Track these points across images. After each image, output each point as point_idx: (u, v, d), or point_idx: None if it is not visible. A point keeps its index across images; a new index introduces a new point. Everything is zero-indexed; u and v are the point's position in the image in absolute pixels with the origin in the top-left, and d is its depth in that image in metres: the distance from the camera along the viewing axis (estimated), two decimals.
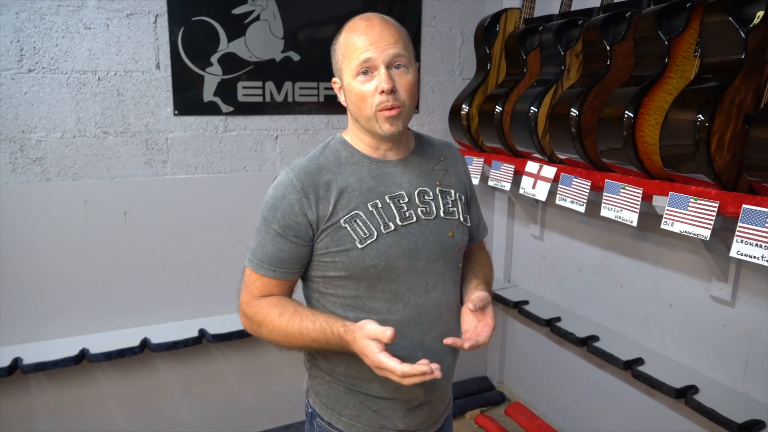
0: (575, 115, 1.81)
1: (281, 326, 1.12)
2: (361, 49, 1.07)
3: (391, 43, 1.08)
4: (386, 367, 0.99)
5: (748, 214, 1.39)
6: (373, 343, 1.01)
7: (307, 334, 1.09)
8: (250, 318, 1.18)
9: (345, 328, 1.06)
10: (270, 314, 1.14)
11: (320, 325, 1.09)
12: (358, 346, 1.03)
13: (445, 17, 2.59)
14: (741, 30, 1.41)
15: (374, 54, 1.07)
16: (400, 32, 1.11)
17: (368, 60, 1.07)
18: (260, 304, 1.16)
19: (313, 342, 1.10)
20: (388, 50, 1.07)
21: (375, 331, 1.01)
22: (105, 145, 2.11)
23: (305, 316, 1.11)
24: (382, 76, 1.07)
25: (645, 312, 2.12)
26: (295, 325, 1.11)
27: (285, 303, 1.16)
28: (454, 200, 1.22)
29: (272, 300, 1.16)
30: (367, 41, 1.07)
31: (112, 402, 2.24)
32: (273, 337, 1.15)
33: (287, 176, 1.13)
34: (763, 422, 1.64)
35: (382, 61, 1.07)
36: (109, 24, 2.05)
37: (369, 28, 1.08)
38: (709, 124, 1.41)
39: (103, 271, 2.15)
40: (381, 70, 1.07)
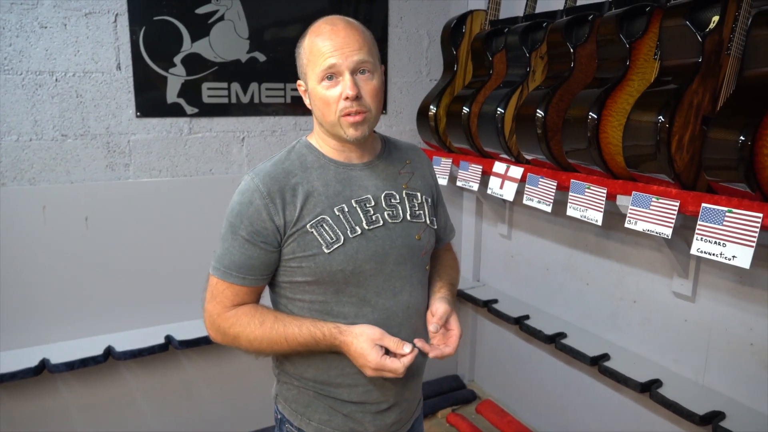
0: (541, 116, 1.84)
1: (264, 335, 1.11)
2: (325, 55, 1.06)
3: (356, 49, 1.07)
4: (391, 368, 1.06)
5: (707, 212, 1.43)
6: (375, 351, 1.06)
7: (294, 339, 1.10)
8: (224, 331, 1.15)
9: (339, 329, 1.10)
10: (250, 324, 1.12)
11: (308, 329, 1.10)
12: (358, 348, 1.07)
13: (412, 18, 2.60)
14: (698, 34, 1.45)
15: (339, 60, 1.06)
16: (365, 37, 1.10)
17: (333, 66, 1.06)
18: (236, 315, 1.14)
19: (300, 346, 1.11)
20: (353, 56, 1.06)
21: (387, 341, 1.08)
22: (64, 149, 2.04)
23: (288, 321, 1.12)
24: (347, 83, 1.06)
25: (610, 308, 2.17)
26: (279, 332, 1.11)
27: (263, 312, 1.15)
28: (421, 203, 1.22)
29: (248, 310, 1.14)
30: (332, 47, 1.06)
31: (75, 413, 2.17)
32: (253, 346, 1.14)
33: (252, 181, 1.11)
34: (723, 413, 1.69)
35: (347, 68, 1.06)
36: (67, 23, 1.98)
37: (334, 33, 1.07)
38: (669, 125, 1.45)
39: (64, 278, 2.09)
40: (346, 76, 1.07)
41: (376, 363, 1.06)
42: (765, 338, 1.68)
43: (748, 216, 1.34)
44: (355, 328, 1.10)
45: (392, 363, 1.06)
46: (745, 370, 1.74)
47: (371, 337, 1.07)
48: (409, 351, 1.07)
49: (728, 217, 1.38)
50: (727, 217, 1.38)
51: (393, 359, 1.06)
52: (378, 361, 1.06)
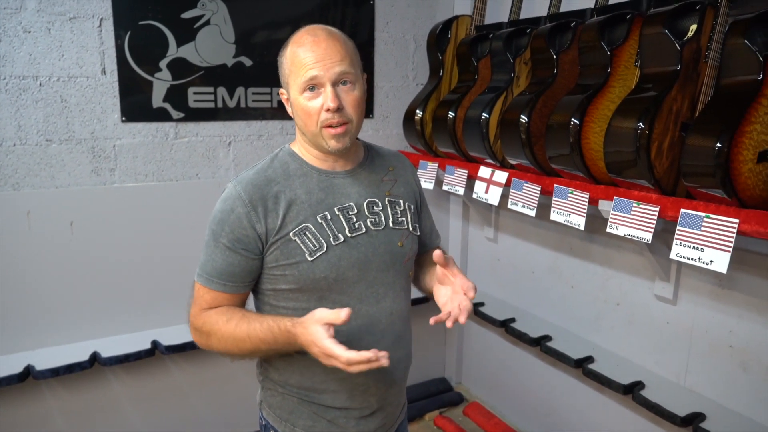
0: (525, 121, 1.86)
1: (230, 332, 1.10)
2: (307, 66, 1.07)
3: (338, 61, 1.08)
4: (332, 353, 0.97)
5: (686, 217, 1.45)
6: (321, 329, 0.99)
7: (255, 335, 1.08)
8: (199, 329, 1.16)
9: (292, 322, 1.05)
10: (218, 322, 1.12)
11: (267, 324, 1.08)
12: (307, 334, 1.01)
13: (398, 23, 2.61)
14: (676, 42, 1.48)
15: (320, 72, 1.07)
16: (346, 48, 1.11)
17: (314, 78, 1.07)
18: (207, 314, 1.14)
19: (261, 343, 1.08)
20: (334, 68, 1.07)
21: (327, 314, 1.00)
22: (48, 153, 2.03)
23: (253, 318, 1.11)
24: (329, 95, 1.07)
25: (594, 311, 2.19)
26: (243, 329, 1.09)
27: (233, 310, 1.15)
28: (403, 210, 1.23)
29: (220, 309, 1.15)
30: (314, 58, 1.07)
31: (61, 420, 2.15)
32: (223, 345, 1.13)
33: (235, 189, 1.12)
34: (704, 414, 1.72)
35: (329, 79, 1.07)
36: (51, 28, 1.98)
37: (315, 44, 1.08)
38: (648, 132, 1.47)
39: (48, 283, 2.07)
40: (327, 87, 1.07)
41: (319, 348, 0.99)
42: (744, 340, 1.71)
43: (725, 221, 1.36)
44: (305, 316, 1.04)
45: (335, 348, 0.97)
46: (725, 371, 1.77)
47: (316, 319, 1.01)
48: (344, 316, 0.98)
49: (706, 222, 1.40)
50: (705, 223, 1.41)
51: (338, 345, 0.97)
52: (321, 346, 0.98)
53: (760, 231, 1.30)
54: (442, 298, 1.16)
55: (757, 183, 1.34)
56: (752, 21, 1.34)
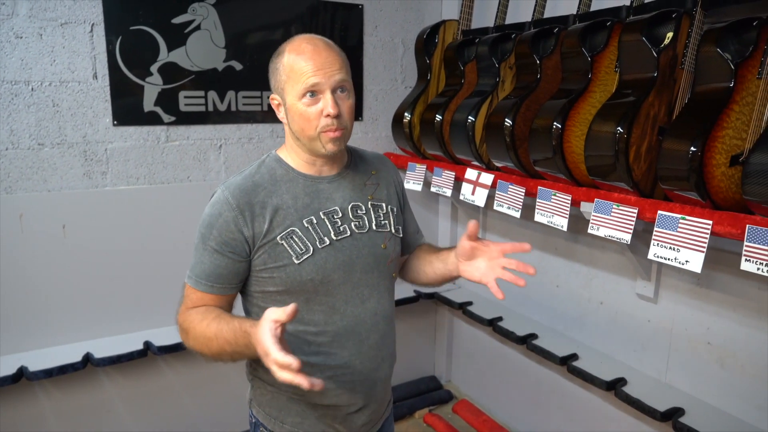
0: (509, 125, 1.90)
1: (202, 331, 1.12)
2: (308, 74, 1.11)
3: (337, 69, 1.12)
4: (266, 348, 0.93)
5: (663, 219, 1.50)
6: (267, 325, 0.95)
7: (222, 335, 1.08)
8: (180, 326, 1.19)
9: (251, 323, 1.03)
10: (194, 320, 1.14)
11: (234, 325, 1.07)
12: (257, 334, 0.97)
13: (387, 27, 2.65)
14: (653, 49, 1.53)
15: (322, 80, 1.11)
16: (342, 57, 1.16)
17: (316, 85, 1.11)
18: (190, 313, 1.17)
19: (226, 344, 1.08)
20: (335, 76, 1.12)
21: (274, 311, 0.96)
22: (40, 157, 2.06)
23: (224, 319, 1.11)
24: (329, 101, 1.11)
25: (578, 310, 2.24)
26: (212, 329, 1.10)
27: (210, 310, 1.16)
28: (386, 213, 1.28)
29: (200, 309, 1.17)
30: (314, 66, 1.11)
31: (54, 421, 2.18)
32: (197, 343, 1.14)
33: (223, 194, 1.16)
34: (683, 409, 1.77)
35: (329, 86, 1.12)
36: (43, 33, 2.00)
37: (315, 53, 1.12)
38: (627, 136, 1.52)
39: (41, 285, 2.10)
40: (327, 94, 1.12)
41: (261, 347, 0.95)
42: (721, 337, 1.77)
43: (699, 223, 1.41)
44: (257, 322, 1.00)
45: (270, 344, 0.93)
46: (704, 368, 1.82)
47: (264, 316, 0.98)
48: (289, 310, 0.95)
49: (681, 223, 1.45)
50: (681, 224, 1.46)
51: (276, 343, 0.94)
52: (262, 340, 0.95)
53: (732, 232, 1.35)
54: (476, 273, 1.24)
55: (729, 186, 1.39)
56: (724, 30, 1.39)
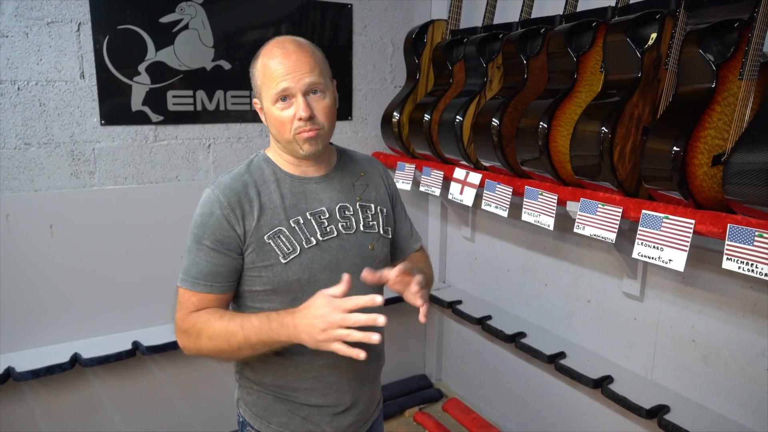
0: (496, 124, 1.91)
1: (222, 327, 1.11)
2: (278, 79, 1.11)
3: (307, 72, 1.12)
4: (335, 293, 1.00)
5: (647, 218, 1.52)
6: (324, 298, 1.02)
7: (249, 324, 1.09)
8: (188, 331, 1.16)
9: (285, 312, 1.07)
10: (209, 320, 1.14)
11: (263, 314, 1.10)
12: (309, 308, 1.03)
13: (376, 26, 2.65)
14: (637, 50, 1.54)
15: (291, 84, 1.11)
16: (315, 58, 1.15)
17: (286, 89, 1.11)
18: (198, 314, 1.16)
19: (254, 331, 1.09)
20: (304, 79, 1.11)
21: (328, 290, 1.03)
22: (27, 157, 2.05)
23: (243, 315, 1.13)
24: (300, 104, 1.11)
25: (566, 308, 2.26)
26: (236, 322, 1.11)
27: (222, 310, 1.17)
28: (375, 214, 1.28)
29: (209, 309, 1.17)
30: (284, 70, 1.11)
31: (42, 421, 2.17)
32: (213, 342, 1.13)
33: (213, 193, 1.16)
34: (668, 407, 1.79)
35: (299, 90, 1.12)
36: (29, 32, 1.99)
37: (285, 56, 1.12)
38: (611, 136, 1.53)
39: (28, 285, 2.09)
40: (299, 98, 1.12)
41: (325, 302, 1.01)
42: (705, 335, 1.79)
43: (682, 222, 1.43)
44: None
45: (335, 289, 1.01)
46: (688, 365, 1.84)
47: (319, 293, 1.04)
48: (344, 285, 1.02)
49: (665, 222, 1.47)
50: (664, 223, 1.47)
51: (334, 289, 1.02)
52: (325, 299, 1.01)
53: (714, 231, 1.37)
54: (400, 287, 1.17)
55: (711, 185, 1.41)
56: (706, 31, 1.40)
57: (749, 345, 1.68)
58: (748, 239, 1.29)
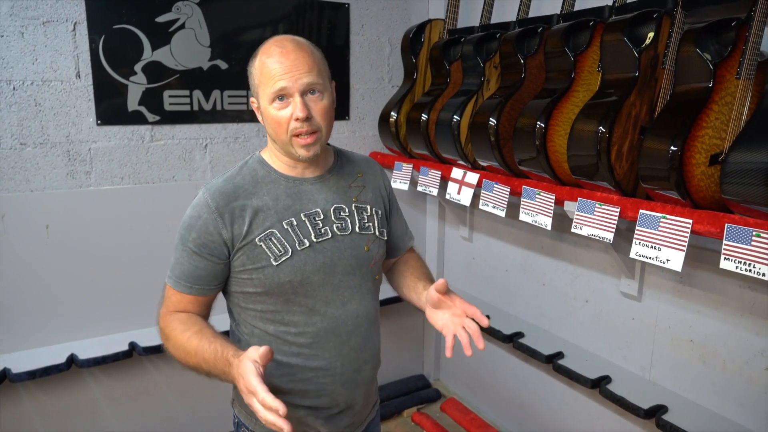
0: (494, 124, 1.90)
1: (182, 342, 1.12)
2: (275, 78, 1.10)
3: (305, 72, 1.10)
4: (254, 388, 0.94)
5: (644, 218, 1.51)
6: (252, 365, 0.97)
7: (201, 354, 1.09)
8: (162, 330, 1.19)
9: (235, 353, 1.04)
10: (176, 329, 1.15)
11: (215, 347, 1.08)
12: (239, 368, 0.99)
13: (373, 26, 2.65)
14: (634, 49, 1.53)
15: (288, 83, 1.10)
16: (314, 58, 1.13)
17: (283, 89, 1.10)
18: (171, 318, 1.18)
19: (204, 363, 1.09)
20: (302, 79, 1.10)
21: (254, 350, 0.99)
22: (23, 157, 2.04)
23: (206, 336, 1.11)
24: (297, 105, 1.10)
25: (564, 308, 2.25)
26: (193, 344, 1.11)
27: (193, 321, 1.16)
28: (370, 215, 1.27)
29: (183, 317, 1.18)
30: (282, 69, 1.10)
31: (38, 422, 2.16)
32: (176, 352, 1.15)
33: (203, 196, 1.16)
34: (666, 407, 1.78)
35: (297, 90, 1.10)
36: (24, 32, 1.98)
37: (283, 55, 1.10)
38: (608, 135, 1.53)
39: (24, 286, 2.08)
40: (296, 97, 1.10)
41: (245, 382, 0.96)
42: (702, 335, 1.78)
43: (680, 222, 1.42)
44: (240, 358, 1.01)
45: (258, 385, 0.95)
46: (686, 365, 1.84)
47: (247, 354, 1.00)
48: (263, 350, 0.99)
49: (663, 222, 1.47)
50: (662, 223, 1.47)
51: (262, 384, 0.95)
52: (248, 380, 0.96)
53: (712, 231, 1.37)
54: (439, 321, 1.20)
55: (709, 185, 1.40)
56: (704, 30, 1.40)
57: (747, 345, 1.67)
58: (745, 239, 1.28)
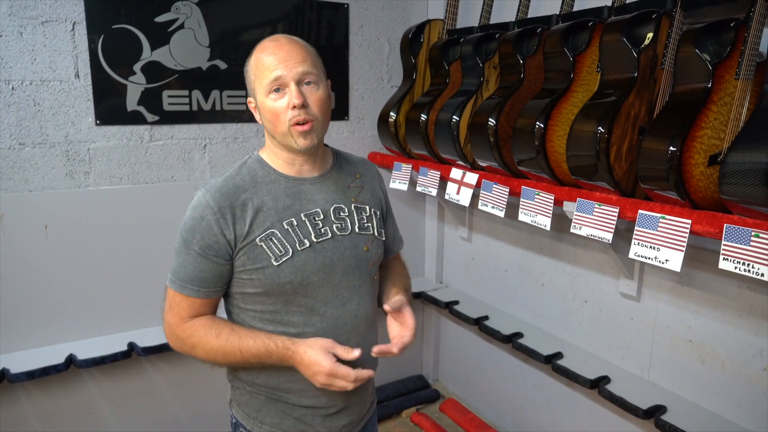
0: (493, 124, 1.90)
1: (219, 346, 1.15)
2: (271, 68, 1.12)
3: (299, 61, 1.13)
4: (341, 373, 1.09)
5: (643, 218, 1.51)
6: (330, 356, 1.10)
7: (248, 350, 1.14)
8: (183, 340, 1.19)
9: (292, 341, 1.13)
10: (206, 336, 1.16)
11: (262, 340, 1.14)
12: (311, 357, 1.10)
13: (372, 26, 2.65)
14: (633, 50, 1.53)
15: (284, 72, 1.12)
16: (307, 51, 1.16)
17: (279, 78, 1.12)
18: (194, 326, 1.18)
19: (253, 357, 1.14)
20: (297, 68, 1.12)
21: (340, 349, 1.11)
22: (22, 157, 2.04)
23: (243, 334, 1.16)
24: (293, 92, 1.12)
25: (563, 308, 2.25)
26: (234, 344, 1.15)
27: (220, 324, 1.19)
28: (369, 216, 1.27)
29: (205, 321, 1.18)
30: (276, 60, 1.12)
31: (37, 423, 2.16)
32: (209, 356, 1.17)
33: (204, 197, 1.15)
34: (665, 407, 1.78)
35: (292, 78, 1.12)
36: (23, 31, 1.98)
37: (277, 48, 1.13)
38: (607, 135, 1.53)
39: (23, 286, 2.08)
40: (291, 86, 1.12)
41: (330, 368, 1.08)
42: (702, 335, 1.78)
43: (679, 222, 1.42)
44: (308, 339, 1.14)
45: (344, 369, 1.09)
46: (685, 365, 1.84)
47: (324, 345, 1.12)
48: (358, 354, 1.11)
49: (662, 222, 1.47)
50: (661, 223, 1.47)
51: (345, 366, 1.10)
52: (331, 366, 1.09)
53: (711, 231, 1.37)
54: (393, 331, 1.24)
55: (708, 185, 1.40)
56: (702, 31, 1.40)
57: (746, 345, 1.67)
58: (744, 239, 1.28)
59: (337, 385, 1.10)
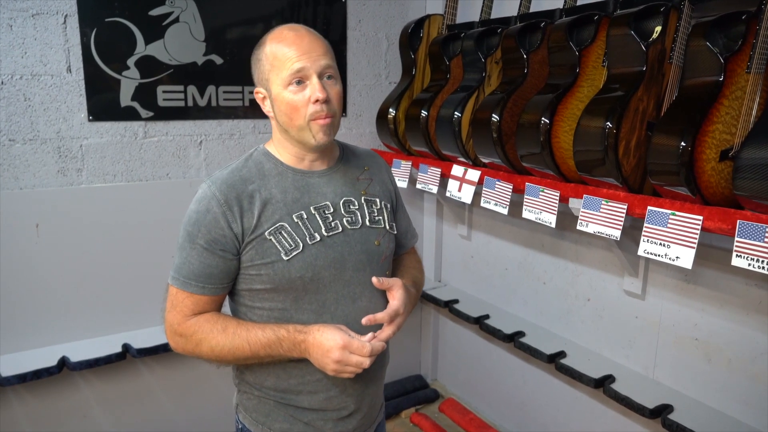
0: (496, 120, 1.87)
1: (226, 340, 1.10)
2: (292, 59, 1.07)
3: (321, 54, 1.09)
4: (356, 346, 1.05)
5: (653, 215, 1.49)
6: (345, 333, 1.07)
7: (257, 341, 1.09)
8: (187, 338, 1.13)
9: (303, 325, 1.09)
10: (212, 331, 1.11)
11: (271, 328, 1.09)
12: (324, 333, 1.06)
13: (370, 21, 2.61)
14: (641, 43, 1.51)
15: (307, 64, 1.07)
16: (326, 44, 1.12)
17: (301, 70, 1.07)
18: (198, 323, 1.13)
19: (262, 348, 1.09)
20: (320, 61, 1.08)
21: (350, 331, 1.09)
22: (11, 154, 1.98)
23: (251, 326, 1.11)
24: (316, 86, 1.08)
25: (566, 307, 2.23)
26: (242, 336, 1.10)
27: (225, 318, 1.14)
28: (380, 209, 1.24)
29: (209, 317, 1.14)
30: (298, 51, 1.07)
31: (28, 427, 2.10)
32: (215, 353, 1.12)
33: (209, 189, 1.11)
34: (672, 406, 1.76)
35: (315, 71, 1.08)
36: (12, 24, 1.92)
37: (298, 38, 1.09)
38: (616, 131, 1.50)
39: (13, 287, 2.02)
40: (314, 79, 1.08)
41: (345, 340, 1.05)
42: (708, 334, 1.76)
43: (690, 218, 1.40)
44: (318, 324, 1.10)
45: (359, 342, 1.06)
46: (691, 364, 1.82)
47: (337, 326, 1.09)
48: (369, 338, 1.09)
49: (672, 219, 1.44)
50: (671, 220, 1.44)
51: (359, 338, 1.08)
52: (347, 339, 1.05)
53: (723, 227, 1.34)
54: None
55: (719, 181, 1.38)
56: (713, 23, 1.38)
57: (752, 343, 1.66)
58: (758, 235, 1.26)
59: (353, 362, 1.05)
